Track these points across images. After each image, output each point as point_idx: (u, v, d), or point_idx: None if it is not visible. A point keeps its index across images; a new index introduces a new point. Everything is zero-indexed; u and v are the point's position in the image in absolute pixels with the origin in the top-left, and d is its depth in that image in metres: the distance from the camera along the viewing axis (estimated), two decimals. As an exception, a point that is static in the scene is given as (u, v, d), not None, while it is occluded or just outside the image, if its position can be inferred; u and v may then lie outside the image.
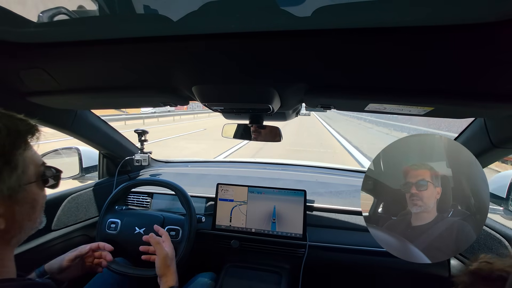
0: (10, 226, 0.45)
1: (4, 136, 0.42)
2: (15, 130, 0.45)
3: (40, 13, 0.48)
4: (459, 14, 0.36)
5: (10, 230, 0.45)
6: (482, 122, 0.82)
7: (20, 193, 0.46)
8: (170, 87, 0.71)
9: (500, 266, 0.37)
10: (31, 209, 0.49)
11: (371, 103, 0.64)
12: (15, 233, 0.47)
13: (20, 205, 0.46)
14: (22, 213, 0.47)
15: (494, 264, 0.37)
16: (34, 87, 0.74)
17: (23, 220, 0.47)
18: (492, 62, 0.44)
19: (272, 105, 0.71)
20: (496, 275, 0.36)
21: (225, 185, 1.19)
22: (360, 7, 0.38)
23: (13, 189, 0.44)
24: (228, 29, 0.44)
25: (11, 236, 0.46)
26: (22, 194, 0.46)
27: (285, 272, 1.12)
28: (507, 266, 0.36)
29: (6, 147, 0.43)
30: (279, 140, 1.11)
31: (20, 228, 0.47)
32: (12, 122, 0.45)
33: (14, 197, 0.45)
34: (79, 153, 1.39)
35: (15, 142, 0.44)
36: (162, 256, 0.81)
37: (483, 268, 0.38)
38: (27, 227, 0.49)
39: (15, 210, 0.45)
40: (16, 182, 0.44)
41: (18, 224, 0.47)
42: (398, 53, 0.46)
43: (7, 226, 0.44)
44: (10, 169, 0.43)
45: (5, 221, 0.44)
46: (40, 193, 0.51)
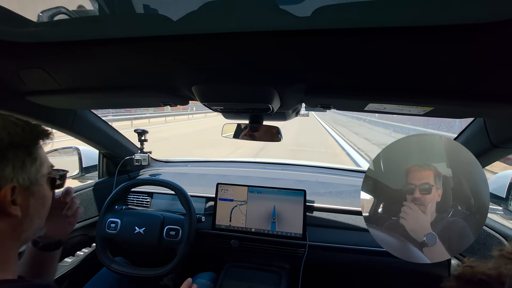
0: (24, 219, 0.47)
1: (27, 131, 0.47)
2: (35, 129, 0.49)
3: (40, 13, 0.48)
4: (459, 14, 0.36)
5: (23, 222, 0.47)
6: (481, 122, 0.82)
7: (36, 186, 0.48)
8: (170, 87, 0.71)
9: (481, 270, 0.37)
10: (41, 205, 0.51)
11: (371, 103, 0.64)
12: (26, 227, 0.48)
13: (34, 199, 0.49)
14: (35, 207, 0.49)
15: (476, 268, 0.38)
16: (34, 87, 0.74)
17: (34, 215, 0.49)
18: (492, 62, 0.44)
19: (272, 105, 0.71)
20: (478, 278, 0.36)
21: (225, 184, 1.19)
22: (360, 7, 0.38)
23: (32, 180, 0.47)
24: (228, 29, 0.44)
25: (22, 230, 0.48)
26: (37, 188, 0.49)
27: (284, 272, 1.12)
28: (488, 269, 0.37)
29: (27, 140, 0.46)
30: (279, 140, 1.11)
31: (30, 223, 0.49)
32: (31, 123, 0.49)
33: (31, 189, 0.47)
34: (79, 153, 1.40)
35: (33, 138, 0.48)
36: None
37: (465, 272, 0.39)
38: (35, 225, 0.51)
39: (29, 203, 0.47)
40: (34, 174, 0.47)
41: (30, 218, 0.48)
42: (397, 53, 0.46)
43: (21, 217, 0.46)
44: (31, 160, 0.47)
45: (21, 212, 0.46)
46: (48, 193, 0.53)
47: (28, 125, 0.47)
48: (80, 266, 0.93)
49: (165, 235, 1.05)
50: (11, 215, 0.44)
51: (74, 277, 1.07)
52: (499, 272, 0.35)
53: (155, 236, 1.04)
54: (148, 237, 1.04)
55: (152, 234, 1.04)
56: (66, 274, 0.82)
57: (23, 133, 0.46)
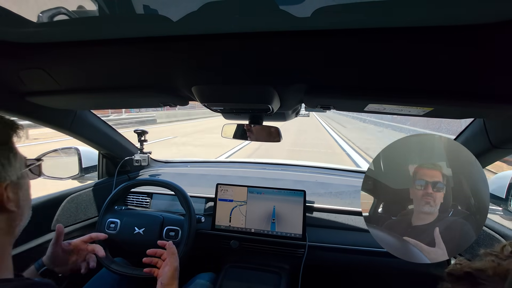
0: (17, 213, 0.48)
1: (1, 127, 0.47)
2: (7, 123, 0.49)
3: (39, 13, 0.48)
4: (460, 14, 0.36)
5: (16, 216, 0.48)
6: (481, 122, 0.82)
7: (22, 179, 0.49)
8: (170, 87, 0.71)
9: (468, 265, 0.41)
10: (27, 195, 0.52)
11: (371, 104, 0.64)
12: (19, 221, 0.50)
13: (22, 191, 0.50)
14: (24, 198, 0.50)
15: (464, 264, 0.42)
16: (33, 87, 0.74)
17: (24, 206, 0.50)
18: (492, 63, 0.45)
19: (272, 106, 0.71)
20: (464, 272, 0.41)
21: (225, 185, 1.19)
22: (360, 7, 0.38)
23: (18, 175, 0.48)
24: (227, 29, 0.45)
25: (16, 224, 0.49)
26: (23, 180, 0.50)
27: (284, 272, 1.12)
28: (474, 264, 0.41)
29: (10, 137, 0.47)
30: (279, 141, 1.11)
31: (22, 214, 0.50)
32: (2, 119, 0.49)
33: (19, 183, 0.49)
34: (78, 153, 1.39)
35: (9, 133, 0.48)
36: (174, 266, 0.80)
37: (455, 269, 0.43)
38: (26, 216, 0.52)
39: (19, 197, 0.49)
40: (20, 168, 0.49)
41: (21, 210, 0.49)
42: (397, 54, 0.46)
43: (15, 211, 0.47)
44: (14, 155, 0.47)
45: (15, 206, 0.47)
46: (29, 181, 0.54)
47: (1, 119, 0.47)
48: None
49: (165, 236, 1.04)
50: (9, 211, 0.45)
51: (73, 278, 1.07)
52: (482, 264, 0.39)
53: (154, 236, 1.03)
54: (147, 237, 1.03)
55: (152, 235, 1.04)
56: (65, 275, 0.82)
57: (4, 129, 0.47)
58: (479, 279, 0.38)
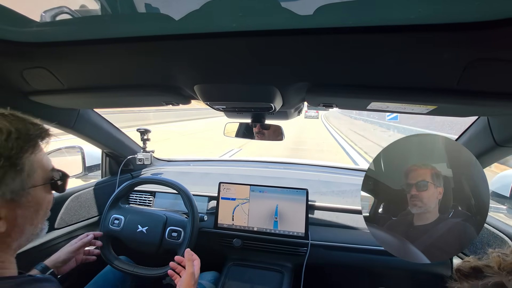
0: (11, 230, 0.45)
1: (13, 139, 0.42)
2: (26, 134, 0.45)
3: (42, 13, 0.48)
4: (462, 12, 0.35)
5: (11, 233, 0.45)
6: (485, 120, 0.81)
7: (23, 197, 0.45)
8: (172, 86, 0.71)
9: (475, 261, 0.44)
10: (34, 213, 0.48)
11: (374, 102, 0.64)
12: (16, 237, 0.46)
13: (23, 209, 0.46)
14: (25, 216, 0.46)
15: (471, 262, 0.45)
16: (37, 87, 0.74)
17: (24, 224, 0.47)
18: (496, 61, 0.44)
19: (274, 104, 0.71)
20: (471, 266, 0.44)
21: (227, 183, 1.19)
22: (362, 5, 0.38)
23: (16, 192, 0.43)
24: (229, 28, 0.44)
25: (11, 240, 0.46)
26: (26, 198, 0.46)
27: (287, 271, 1.12)
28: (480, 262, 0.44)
29: (14, 150, 0.42)
30: (281, 139, 1.11)
31: (21, 232, 0.47)
32: (24, 126, 0.45)
33: (17, 201, 0.44)
34: (82, 152, 1.40)
35: (23, 146, 0.44)
36: (190, 272, 0.78)
37: (463, 265, 0.45)
38: (28, 232, 0.48)
39: (17, 214, 0.45)
40: (19, 186, 0.44)
41: (19, 228, 0.46)
42: (400, 51, 0.45)
43: (8, 229, 0.43)
44: (15, 172, 0.43)
45: (6, 224, 0.43)
46: (45, 197, 0.50)
47: (16, 131, 0.43)
48: (82, 265, 0.93)
49: (167, 236, 1.04)
50: None
51: (76, 276, 1.08)
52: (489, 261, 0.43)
53: (157, 236, 1.04)
54: (150, 236, 1.04)
55: (154, 234, 1.04)
56: (68, 273, 0.83)
57: (6, 142, 0.42)
58: (485, 273, 0.41)
